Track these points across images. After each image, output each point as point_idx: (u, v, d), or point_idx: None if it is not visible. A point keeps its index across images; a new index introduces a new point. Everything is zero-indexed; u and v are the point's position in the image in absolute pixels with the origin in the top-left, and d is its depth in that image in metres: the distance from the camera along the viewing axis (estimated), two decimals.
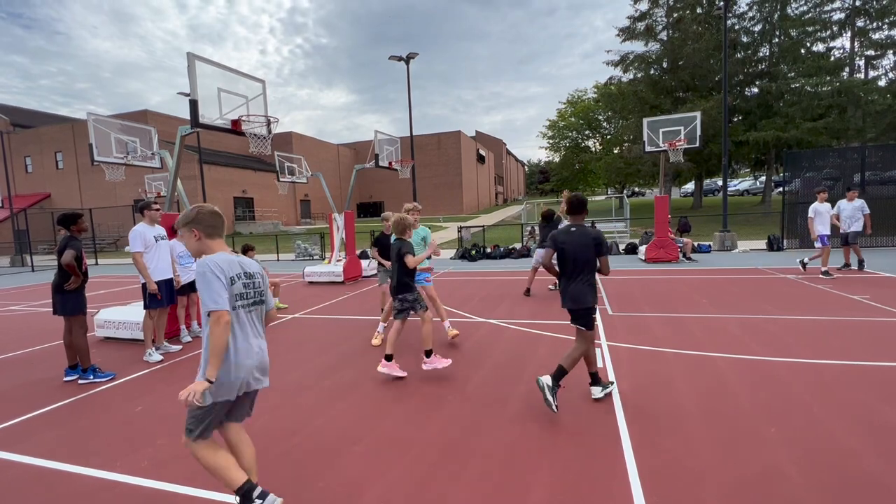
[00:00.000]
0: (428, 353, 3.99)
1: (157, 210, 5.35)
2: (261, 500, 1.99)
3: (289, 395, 3.77)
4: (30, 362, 5.17)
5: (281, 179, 12.73)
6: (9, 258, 24.60)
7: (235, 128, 6.02)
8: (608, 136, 39.76)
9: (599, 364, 4.15)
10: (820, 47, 24.70)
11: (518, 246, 15.86)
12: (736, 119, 25.53)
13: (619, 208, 26.70)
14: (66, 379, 4.39)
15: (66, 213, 4.43)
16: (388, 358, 3.98)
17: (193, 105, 5.49)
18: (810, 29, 23.72)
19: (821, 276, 8.13)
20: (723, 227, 14.38)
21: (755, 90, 25.65)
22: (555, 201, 42.57)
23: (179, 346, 5.44)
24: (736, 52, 24.74)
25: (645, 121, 12.05)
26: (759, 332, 4.94)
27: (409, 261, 3.95)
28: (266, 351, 2.17)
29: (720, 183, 24.79)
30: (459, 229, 17.76)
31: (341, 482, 2.46)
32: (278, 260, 18.31)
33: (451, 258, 15.61)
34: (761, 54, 25.82)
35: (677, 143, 11.40)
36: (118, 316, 6.01)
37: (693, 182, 30.91)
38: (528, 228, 17.45)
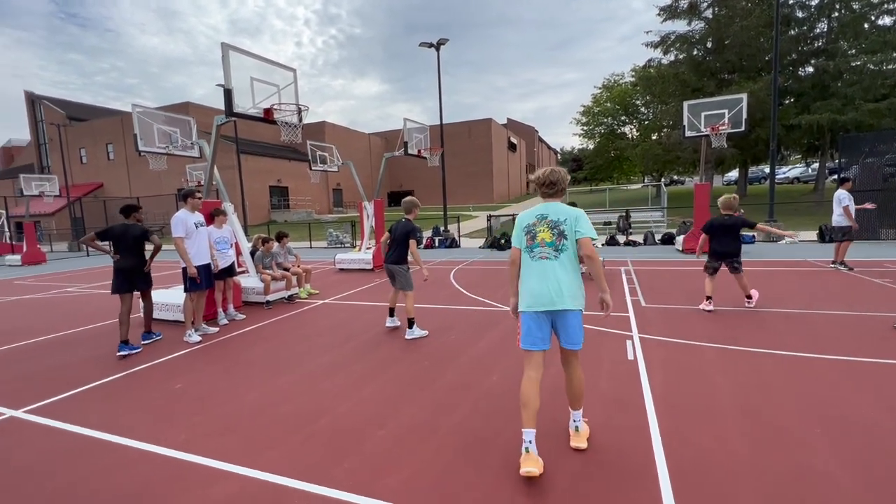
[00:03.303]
0: (749, 297, 5.63)
1: (199, 198, 5.57)
2: None
3: (318, 379, 3.88)
4: (83, 340, 5.54)
5: (313, 168, 12.98)
6: (66, 243, 26.44)
7: (268, 116, 6.16)
8: (646, 122, 38.22)
9: (630, 357, 4.04)
10: (886, 20, 22.55)
11: None
12: (787, 101, 23.87)
13: (655, 197, 25.75)
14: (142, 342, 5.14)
15: (129, 204, 5.24)
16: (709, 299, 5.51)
17: (228, 94, 5.65)
18: (875, 0, 21.73)
19: (837, 267, 8.03)
20: (769, 217, 13.60)
21: (810, 69, 23.83)
22: (587, 190, 41.41)
23: (217, 329, 5.69)
24: (789, 29, 23.01)
25: (685, 104, 11.46)
26: (806, 328, 4.65)
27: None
28: None
29: (768, 170, 23.37)
30: (489, 218, 17.62)
31: (366, 465, 2.50)
32: (311, 247, 18.79)
33: (480, 247, 15.54)
34: (818, 30, 23.90)
35: (720, 128, 10.79)
36: (161, 298, 6.34)
37: (737, 169, 29.31)
38: None
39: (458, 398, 3.32)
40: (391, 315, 5.33)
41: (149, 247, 5.12)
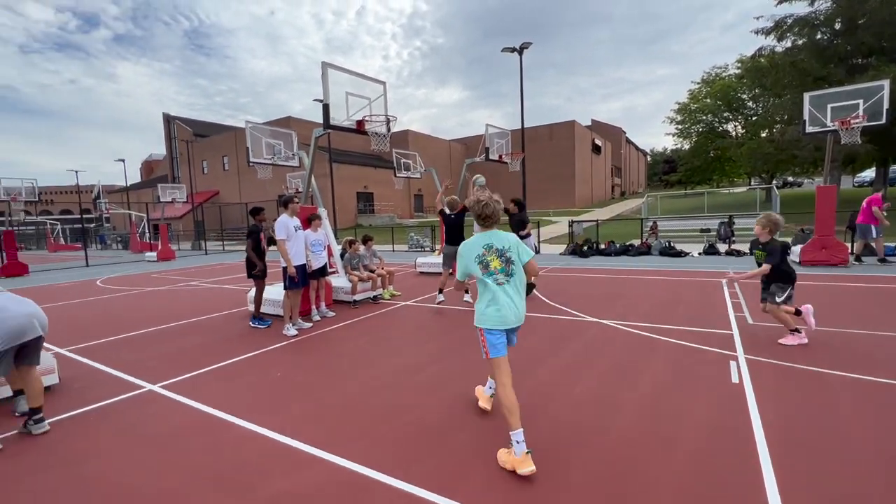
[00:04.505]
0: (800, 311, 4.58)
1: (297, 203, 6.12)
2: (39, 422, 3.14)
3: (402, 376, 4.02)
4: (201, 328, 6.34)
5: (397, 175, 13.57)
6: (190, 243, 30.55)
7: (359, 128, 6.57)
8: (754, 118, 34.22)
9: (735, 380, 3.62)
10: None
11: (636, 242, 14.60)
12: None
13: (764, 201, 22.94)
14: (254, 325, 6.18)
15: (255, 207, 6.41)
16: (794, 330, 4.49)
17: (325, 109, 6.12)
18: None
19: None
20: None
21: None
22: (681, 194, 38.06)
23: (310, 324, 6.17)
24: None
25: (806, 96, 10.03)
26: None
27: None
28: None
29: None
30: (571, 223, 16.99)
31: (447, 465, 2.54)
32: (393, 251, 19.61)
33: (560, 253, 15.03)
34: None
35: (853, 121, 9.28)
36: (264, 294, 7.03)
37: (873, 168, 25.01)
38: (650, 223, 15.94)
39: (541, 407, 3.24)
40: (441, 292, 6.83)
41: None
